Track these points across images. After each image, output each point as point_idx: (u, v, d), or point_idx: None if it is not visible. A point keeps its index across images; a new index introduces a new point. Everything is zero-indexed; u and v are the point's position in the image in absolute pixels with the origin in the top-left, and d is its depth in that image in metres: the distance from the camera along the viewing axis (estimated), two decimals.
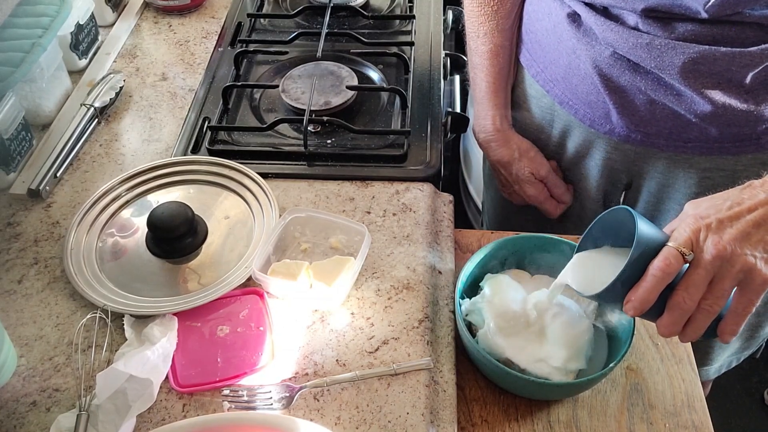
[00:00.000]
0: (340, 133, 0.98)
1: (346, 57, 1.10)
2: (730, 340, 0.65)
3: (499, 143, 1.01)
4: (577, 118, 0.92)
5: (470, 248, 0.91)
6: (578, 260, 0.72)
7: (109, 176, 0.92)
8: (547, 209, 1.03)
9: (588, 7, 0.82)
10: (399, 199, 0.89)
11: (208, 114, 1.01)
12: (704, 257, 0.61)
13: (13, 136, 0.90)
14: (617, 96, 0.85)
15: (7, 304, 0.79)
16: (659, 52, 0.78)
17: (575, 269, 0.71)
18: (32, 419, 0.69)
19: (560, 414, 0.75)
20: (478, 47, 0.98)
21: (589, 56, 0.85)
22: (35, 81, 0.96)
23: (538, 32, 0.93)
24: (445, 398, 0.72)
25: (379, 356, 0.74)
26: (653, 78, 0.81)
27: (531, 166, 1.00)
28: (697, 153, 0.86)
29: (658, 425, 0.75)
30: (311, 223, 0.84)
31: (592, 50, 0.84)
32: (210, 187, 0.90)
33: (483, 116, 1.01)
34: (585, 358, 0.75)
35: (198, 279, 0.80)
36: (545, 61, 0.93)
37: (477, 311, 0.77)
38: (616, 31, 0.80)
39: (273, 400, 0.69)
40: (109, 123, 1.01)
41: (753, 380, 1.75)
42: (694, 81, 0.78)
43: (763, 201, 0.63)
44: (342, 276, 0.77)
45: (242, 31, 1.18)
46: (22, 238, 0.86)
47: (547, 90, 0.95)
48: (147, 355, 0.69)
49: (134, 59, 1.13)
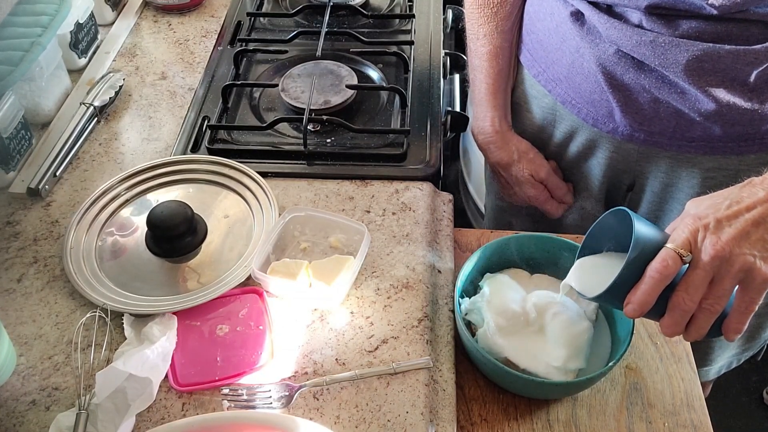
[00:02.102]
0: (340, 132, 0.98)
1: (346, 56, 1.10)
2: (735, 338, 0.65)
3: (498, 145, 1.01)
4: (580, 117, 0.92)
5: (470, 247, 0.91)
6: (580, 264, 0.72)
7: (109, 175, 0.92)
8: (548, 210, 1.03)
9: (592, 6, 0.82)
10: (398, 198, 0.89)
11: (207, 113, 1.01)
12: (703, 258, 0.61)
13: (13, 134, 0.90)
14: (621, 94, 0.85)
15: (7, 303, 0.79)
16: (663, 50, 0.78)
17: (577, 272, 0.71)
18: (32, 418, 0.69)
19: (559, 413, 0.75)
20: (478, 49, 0.98)
21: (593, 54, 0.84)
22: (34, 80, 0.96)
23: (539, 32, 0.93)
24: (444, 397, 0.72)
25: (378, 355, 0.74)
26: (657, 76, 0.81)
27: (530, 168, 1.00)
28: (701, 152, 0.86)
29: (657, 424, 0.75)
30: (311, 222, 0.84)
31: (595, 48, 0.84)
32: (209, 186, 0.90)
33: (482, 118, 1.01)
34: (584, 357, 0.75)
35: (197, 278, 0.80)
36: (547, 61, 0.93)
37: (476, 310, 0.77)
38: (620, 29, 0.80)
39: (272, 399, 0.69)
40: (109, 122, 1.01)
41: (752, 380, 1.75)
42: (698, 79, 0.78)
43: (762, 199, 0.62)
44: (341, 275, 0.77)
45: (242, 30, 1.18)
46: (22, 237, 0.86)
47: (549, 90, 0.94)
48: (146, 354, 0.69)
49: (134, 58, 1.13)
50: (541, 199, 1.02)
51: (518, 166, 1.00)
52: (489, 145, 1.02)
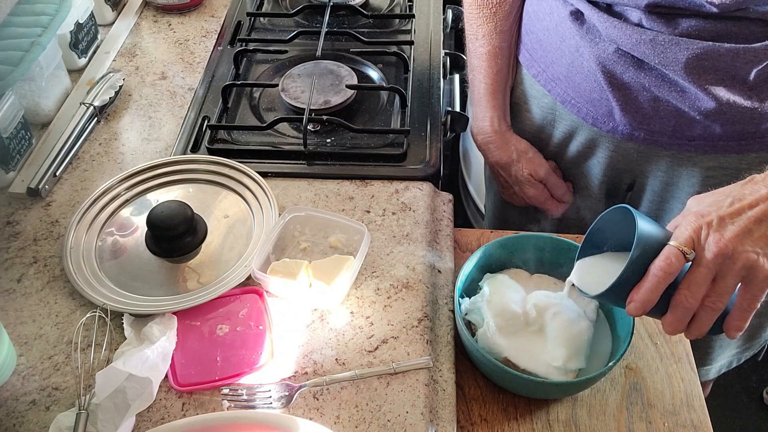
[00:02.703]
0: (340, 132, 0.98)
1: (346, 56, 1.10)
2: (737, 335, 0.65)
3: (497, 145, 1.01)
4: (579, 116, 0.92)
5: (470, 247, 0.91)
6: (582, 263, 0.72)
7: (109, 175, 0.92)
8: (548, 209, 1.03)
9: (591, 5, 0.82)
10: (398, 198, 0.89)
11: (207, 113, 1.01)
12: (706, 256, 0.61)
13: (13, 134, 0.90)
14: (621, 93, 0.85)
15: (7, 303, 0.79)
16: (663, 48, 0.78)
17: (580, 271, 0.71)
18: (32, 418, 0.69)
19: (559, 413, 0.75)
20: (477, 49, 0.98)
21: (593, 53, 0.84)
22: (34, 80, 0.96)
23: (539, 32, 0.93)
24: (444, 397, 0.72)
25: (378, 355, 0.74)
26: (657, 74, 0.81)
27: (529, 168, 1.00)
28: (701, 151, 0.86)
29: (657, 424, 0.75)
30: (311, 222, 0.84)
31: (595, 47, 0.84)
32: (209, 186, 0.90)
33: (481, 118, 1.01)
34: (584, 357, 0.75)
35: (197, 278, 0.80)
36: (547, 61, 0.93)
37: (476, 310, 0.77)
38: (620, 28, 0.80)
39: (272, 399, 0.69)
40: (109, 122, 1.01)
41: (752, 380, 1.75)
42: (698, 77, 0.78)
43: (764, 196, 0.62)
44: (341, 275, 0.77)
45: (242, 30, 1.18)
46: (22, 237, 0.86)
47: (549, 89, 0.94)
48: (146, 354, 0.69)
49: (134, 58, 1.13)
50: (541, 199, 1.02)
51: (517, 165, 1.00)
52: (488, 145, 1.02)
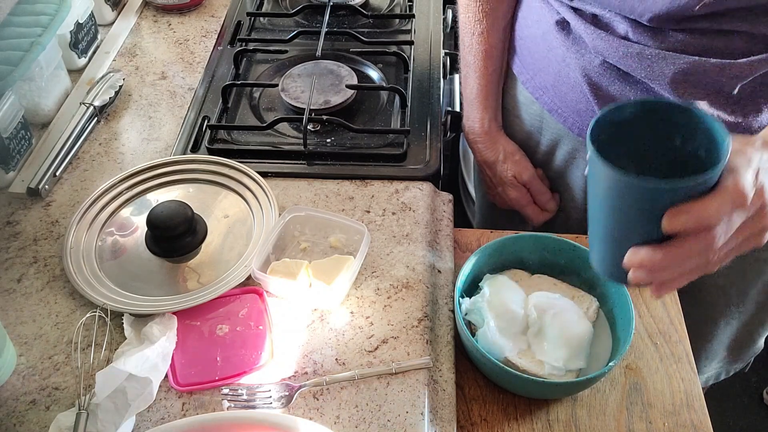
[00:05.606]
0: (340, 132, 0.98)
1: (346, 56, 1.10)
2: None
3: (485, 144, 1.01)
4: (566, 126, 0.91)
5: (470, 247, 0.91)
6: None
7: (109, 175, 0.92)
8: (528, 214, 1.02)
9: (577, 15, 0.82)
10: (398, 198, 0.89)
11: (207, 113, 1.01)
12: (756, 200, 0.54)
13: (13, 134, 0.90)
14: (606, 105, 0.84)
15: (7, 302, 0.79)
16: (650, 62, 0.77)
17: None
18: (32, 418, 0.69)
19: (559, 413, 0.75)
20: (473, 45, 0.98)
21: (579, 65, 0.84)
22: (34, 80, 0.96)
23: (527, 39, 0.93)
24: (444, 397, 0.72)
25: (378, 355, 0.74)
26: (643, 88, 0.81)
27: (514, 169, 1.00)
28: None
29: (657, 424, 0.75)
30: (311, 222, 0.84)
31: (581, 59, 0.84)
32: (209, 186, 0.90)
33: (472, 118, 1.01)
34: (584, 357, 0.75)
35: (197, 278, 0.80)
36: (535, 69, 0.93)
37: (476, 310, 0.77)
38: (606, 41, 0.79)
39: (272, 399, 0.69)
40: (109, 122, 1.01)
41: (752, 380, 1.75)
42: (684, 92, 0.78)
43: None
44: (341, 275, 0.77)
45: (242, 30, 1.18)
46: (22, 236, 0.86)
47: (537, 97, 0.94)
48: (146, 354, 0.69)
49: (134, 58, 1.13)
50: (522, 202, 1.01)
51: (503, 166, 1.00)
52: (477, 144, 1.02)
